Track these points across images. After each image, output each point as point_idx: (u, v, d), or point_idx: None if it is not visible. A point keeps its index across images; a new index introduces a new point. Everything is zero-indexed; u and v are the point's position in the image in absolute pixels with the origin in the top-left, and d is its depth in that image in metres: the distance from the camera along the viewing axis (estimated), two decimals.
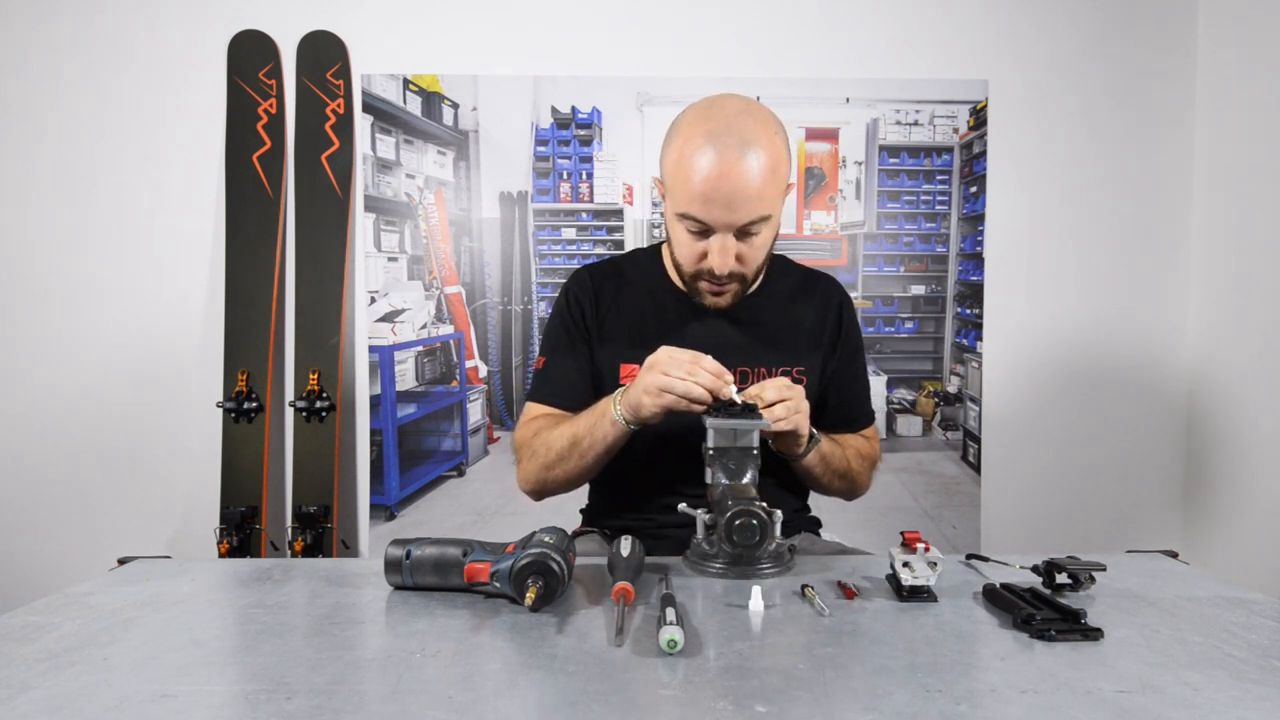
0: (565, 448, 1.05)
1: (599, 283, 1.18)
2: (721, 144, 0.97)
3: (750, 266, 1.06)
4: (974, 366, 2.07)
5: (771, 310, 1.18)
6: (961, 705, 0.58)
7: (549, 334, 1.20)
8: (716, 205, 0.99)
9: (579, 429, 1.04)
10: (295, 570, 0.93)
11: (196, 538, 1.98)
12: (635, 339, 1.13)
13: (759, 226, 1.02)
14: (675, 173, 1.02)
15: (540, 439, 1.09)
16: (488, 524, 2.03)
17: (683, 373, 0.93)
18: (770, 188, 1.00)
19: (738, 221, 1.00)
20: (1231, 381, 1.93)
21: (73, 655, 0.68)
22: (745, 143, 0.98)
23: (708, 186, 0.98)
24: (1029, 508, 2.08)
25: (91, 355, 2.00)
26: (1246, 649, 0.69)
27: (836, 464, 1.11)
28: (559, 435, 1.06)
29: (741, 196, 0.98)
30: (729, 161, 0.97)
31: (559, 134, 2.03)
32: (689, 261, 1.07)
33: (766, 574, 0.90)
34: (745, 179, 0.97)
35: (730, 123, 0.99)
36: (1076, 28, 2.03)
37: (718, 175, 0.97)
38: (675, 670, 0.65)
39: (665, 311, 1.16)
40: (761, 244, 1.05)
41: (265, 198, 1.97)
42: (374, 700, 0.60)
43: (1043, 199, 2.05)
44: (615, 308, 1.17)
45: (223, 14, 1.97)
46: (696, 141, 0.99)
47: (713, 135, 0.98)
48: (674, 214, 1.04)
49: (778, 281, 1.20)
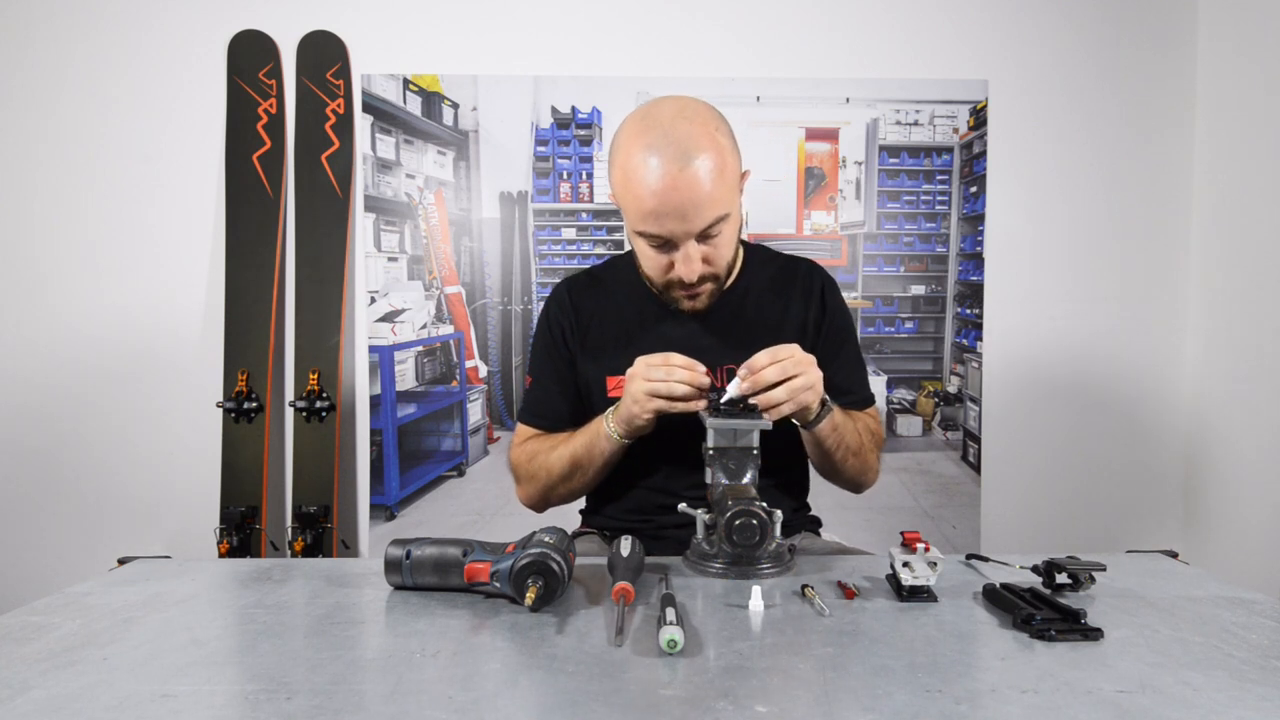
0: (566, 470, 1.08)
1: (578, 298, 1.18)
2: (663, 156, 0.95)
3: (719, 265, 1.06)
4: (974, 366, 2.07)
5: (752, 304, 1.16)
6: (961, 705, 0.58)
7: (533, 355, 1.21)
8: (670, 218, 0.97)
9: (578, 451, 1.07)
10: (295, 570, 0.93)
11: (196, 538, 1.98)
12: (620, 348, 1.12)
13: (718, 228, 1.00)
14: (624, 192, 1.00)
15: (537, 463, 1.11)
16: (488, 524, 2.03)
17: (660, 375, 0.95)
18: (720, 188, 0.97)
19: (695, 230, 0.99)
20: (1231, 381, 1.93)
21: (73, 655, 0.68)
22: (686, 151, 0.95)
23: (657, 202, 0.96)
24: (1029, 508, 2.08)
25: (92, 355, 2.00)
26: (1246, 649, 0.69)
27: (849, 438, 1.07)
28: (558, 458, 1.09)
29: (693, 205, 0.96)
30: (673, 174, 0.95)
31: (559, 134, 2.03)
32: (657, 274, 1.06)
33: (766, 574, 0.90)
34: (694, 188, 0.95)
35: (667, 131, 0.96)
36: (1076, 28, 2.03)
37: (665, 189, 0.95)
38: (675, 670, 0.65)
39: (646, 318, 1.15)
40: (726, 241, 1.04)
41: (265, 198, 1.97)
42: (374, 700, 0.60)
43: (1043, 199, 2.05)
44: (597, 319, 1.16)
45: (223, 14, 1.97)
46: (638, 156, 0.97)
47: (652, 148, 0.96)
48: (632, 231, 1.04)
49: (758, 271, 1.18)
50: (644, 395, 0.96)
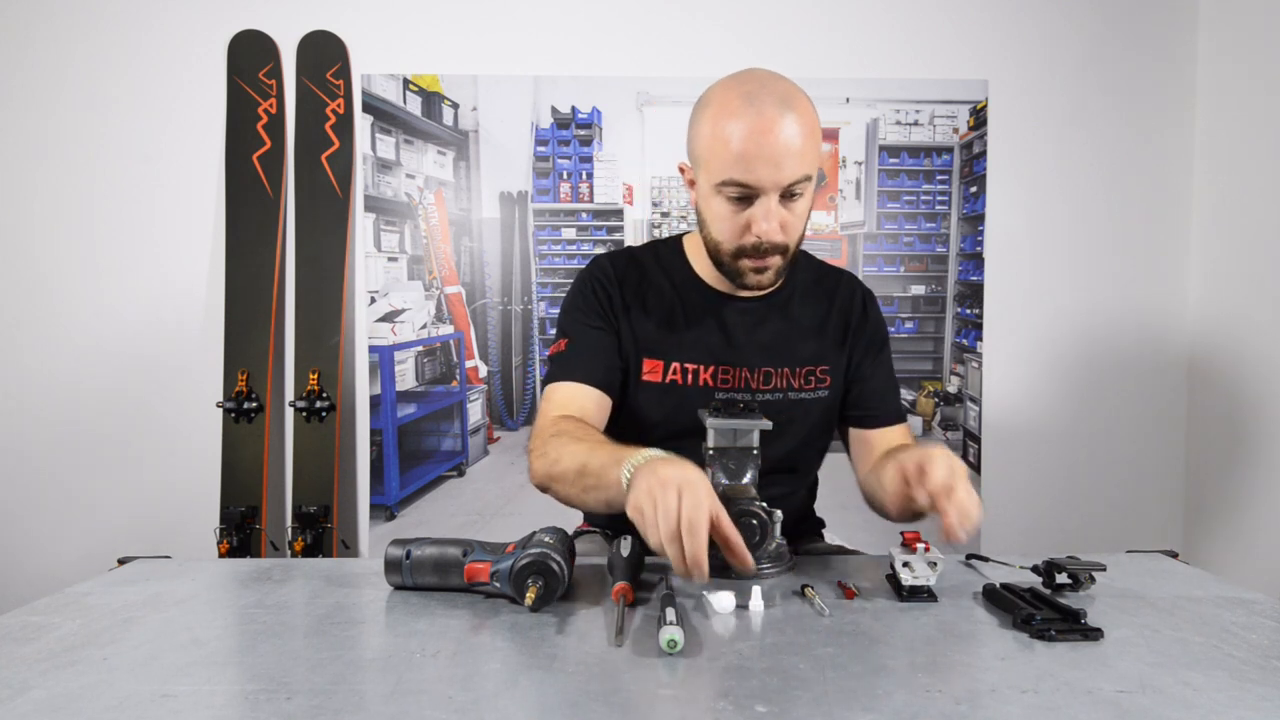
0: (572, 472, 0.94)
1: (622, 271, 1.12)
2: (761, 102, 0.93)
3: (792, 236, 1.01)
4: (974, 366, 2.07)
5: (798, 303, 1.13)
6: (961, 705, 0.58)
7: (570, 315, 1.11)
8: (761, 162, 0.94)
9: (591, 462, 0.92)
10: (295, 570, 0.93)
11: (196, 538, 1.98)
12: (662, 332, 1.09)
13: (802, 187, 0.97)
14: (712, 142, 0.97)
15: (556, 445, 0.98)
16: (488, 524, 2.03)
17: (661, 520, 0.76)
18: (811, 146, 0.95)
19: (784, 179, 0.95)
20: (1231, 382, 1.93)
21: (73, 655, 0.68)
22: (784, 100, 0.94)
23: (750, 145, 0.93)
24: (1029, 508, 2.08)
25: (92, 355, 2.00)
26: (1246, 649, 0.69)
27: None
28: (572, 454, 0.95)
29: (786, 151, 0.93)
30: (770, 118, 0.93)
31: (559, 134, 2.03)
32: (731, 236, 1.00)
33: (766, 574, 0.90)
34: (789, 134, 0.93)
35: (765, 83, 0.96)
36: (1077, 28, 2.03)
37: (761, 131, 0.93)
38: (675, 670, 0.65)
39: (692, 305, 1.10)
40: (802, 212, 1.00)
41: (265, 198, 1.97)
42: (374, 700, 0.60)
43: (1043, 199, 2.05)
44: (639, 298, 1.11)
45: (223, 14, 1.97)
46: (734, 105, 0.95)
47: (750, 96, 0.94)
48: (711, 187, 0.98)
49: (801, 274, 1.14)
50: (637, 509, 0.79)
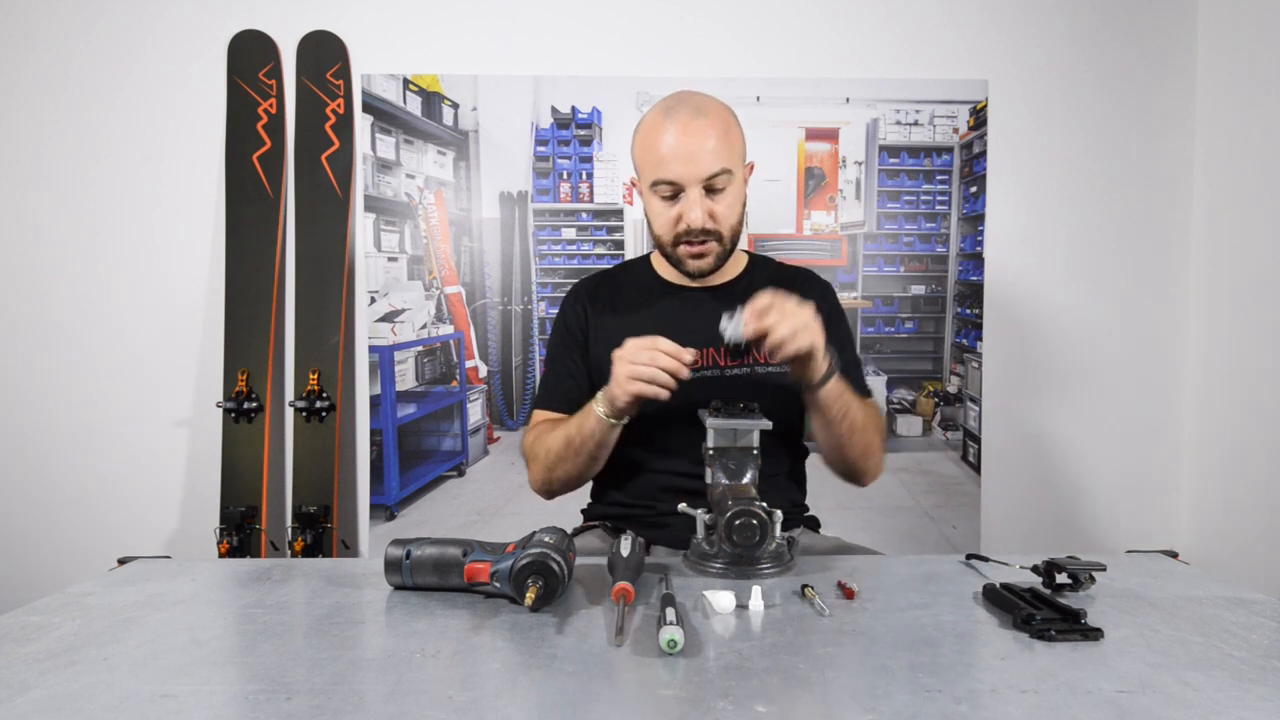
0: (561, 448, 1.11)
1: (592, 290, 1.27)
2: (677, 113, 1.10)
3: (724, 225, 1.12)
4: (974, 366, 2.07)
5: (753, 296, 1.18)
6: (961, 705, 0.58)
7: (549, 346, 1.29)
8: (679, 161, 1.08)
9: (570, 429, 1.10)
10: (295, 570, 0.94)
11: (196, 538, 1.98)
12: (633, 325, 1.12)
13: (722, 180, 1.09)
14: (642, 151, 1.13)
15: (541, 443, 1.15)
16: (488, 524, 2.03)
17: (645, 359, 0.97)
18: (725, 145, 1.09)
19: (702, 173, 1.08)
20: (1231, 382, 1.93)
21: (73, 655, 0.68)
22: (697, 109, 1.10)
23: (668, 148, 1.09)
24: (1029, 508, 2.08)
25: (91, 355, 2.00)
26: (1246, 649, 0.69)
27: (853, 410, 1.06)
28: (555, 437, 1.12)
29: (701, 149, 1.08)
30: (684, 122, 1.09)
31: (559, 134, 2.03)
32: (667, 228, 1.13)
33: (766, 574, 0.90)
34: (701, 134, 1.08)
35: (683, 99, 1.13)
36: (1076, 28, 2.03)
37: (677, 134, 1.08)
38: (675, 670, 0.65)
39: (659, 300, 1.22)
40: (730, 203, 1.12)
41: (265, 198, 1.97)
42: (374, 700, 0.60)
43: (1043, 199, 2.05)
44: (610, 308, 1.23)
45: (223, 14, 1.97)
46: (657, 119, 1.11)
47: (669, 110, 1.11)
48: (647, 189, 1.13)
49: (759, 274, 1.25)
50: (625, 378, 0.98)
